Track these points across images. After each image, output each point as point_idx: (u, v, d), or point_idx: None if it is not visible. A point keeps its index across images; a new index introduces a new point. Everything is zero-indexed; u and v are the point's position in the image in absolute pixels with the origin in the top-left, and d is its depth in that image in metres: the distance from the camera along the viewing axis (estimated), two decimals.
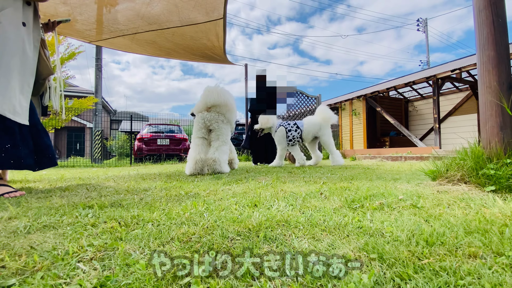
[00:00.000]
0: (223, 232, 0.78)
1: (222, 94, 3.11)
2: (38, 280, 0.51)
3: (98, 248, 0.68)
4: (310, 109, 9.08)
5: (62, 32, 4.38)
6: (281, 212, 0.99)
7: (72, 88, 16.94)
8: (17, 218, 0.97)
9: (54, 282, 0.50)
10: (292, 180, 1.99)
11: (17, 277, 0.52)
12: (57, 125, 7.58)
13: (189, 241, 0.71)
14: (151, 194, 1.52)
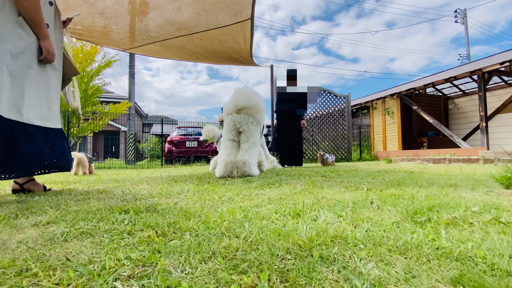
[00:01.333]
0: (269, 248, 0.68)
1: (252, 95, 3.04)
2: None
3: (135, 262, 0.61)
4: (338, 109, 8.72)
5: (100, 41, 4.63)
6: (330, 224, 0.87)
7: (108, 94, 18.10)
8: (55, 222, 0.96)
9: None
10: (330, 185, 1.84)
11: None
12: (95, 129, 8.08)
13: (233, 258, 0.62)
14: (184, 198, 1.47)
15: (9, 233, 0.84)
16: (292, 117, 4.99)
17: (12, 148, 1.45)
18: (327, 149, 8.45)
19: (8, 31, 1.43)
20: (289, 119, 4.98)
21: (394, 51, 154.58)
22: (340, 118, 8.68)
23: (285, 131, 4.98)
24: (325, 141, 8.59)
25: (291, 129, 4.98)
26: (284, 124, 4.99)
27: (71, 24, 3.76)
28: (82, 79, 7.84)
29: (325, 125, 8.66)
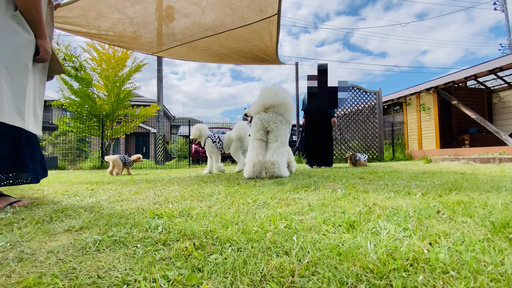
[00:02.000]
0: (333, 273, 0.54)
1: (280, 93, 2.91)
2: None
3: (174, 284, 0.51)
4: (368, 105, 8.25)
5: (130, 46, 4.78)
6: (399, 241, 0.71)
7: (138, 98, 18.97)
8: (89, 228, 0.91)
9: None
10: (375, 189, 1.65)
11: None
12: (127, 131, 8.44)
13: (292, 287, 0.50)
14: (217, 201, 1.38)
15: (40, 240, 0.79)
16: (322, 115, 4.74)
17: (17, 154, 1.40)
18: (356, 148, 8.04)
19: (4, 27, 1.31)
20: (318, 118, 4.75)
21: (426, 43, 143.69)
22: (370, 115, 8.21)
23: (314, 130, 4.75)
24: (354, 140, 8.18)
25: (321, 128, 4.74)
26: (313, 123, 4.77)
27: (102, 30, 3.91)
28: (115, 83, 8.22)
29: (354, 123, 8.25)
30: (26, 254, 0.68)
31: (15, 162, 1.40)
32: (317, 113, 4.76)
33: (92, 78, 7.95)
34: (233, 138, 4.20)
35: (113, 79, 8.17)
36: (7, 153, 1.36)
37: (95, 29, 3.81)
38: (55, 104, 7.78)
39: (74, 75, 7.61)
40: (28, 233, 0.86)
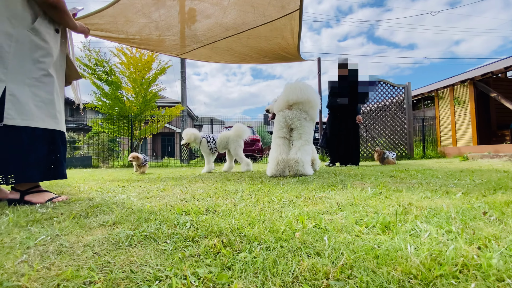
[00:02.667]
0: (371, 277, 0.51)
1: (305, 89, 2.84)
2: None
3: (205, 282, 0.51)
4: (396, 100, 7.82)
5: (155, 49, 4.96)
6: (444, 244, 0.65)
7: (163, 99, 19.68)
8: (121, 223, 0.94)
9: None
10: (408, 188, 1.55)
11: None
12: (153, 131, 8.80)
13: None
14: (242, 199, 1.38)
15: (77, 234, 0.83)
16: (347, 112, 4.57)
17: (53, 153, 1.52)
18: (384, 146, 7.68)
19: (24, 41, 1.40)
20: (343, 114, 4.59)
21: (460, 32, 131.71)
22: (398, 110, 7.79)
23: (338, 126, 4.59)
24: (381, 136, 7.82)
25: (346, 125, 4.57)
26: (338, 120, 4.61)
27: (130, 35, 4.09)
28: (142, 86, 8.59)
29: (381, 119, 7.87)
30: (65, 247, 0.72)
31: (52, 160, 1.50)
32: (341, 109, 4.59)
33: (121, 81, 8.38)
34: (232, 138, 4.18)
35: (140, 81, 8.54)
36: (44, 153, 1.47)
37: (123, 34, 3.99)
38: (88, 107, 8.30)
39: (105, 79, 8.06)
40: (66, 227, 0.91)
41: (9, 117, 1.35)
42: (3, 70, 1.34)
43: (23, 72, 1.40)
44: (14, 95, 1.36)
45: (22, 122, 1.38)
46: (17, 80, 1.38)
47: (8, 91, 1.34)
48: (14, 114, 1.36)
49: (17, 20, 1.39)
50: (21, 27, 1.40)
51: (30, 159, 1.41)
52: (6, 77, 1.34)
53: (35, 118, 1.42)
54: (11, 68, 1.36)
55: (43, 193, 1.52)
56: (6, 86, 1.34)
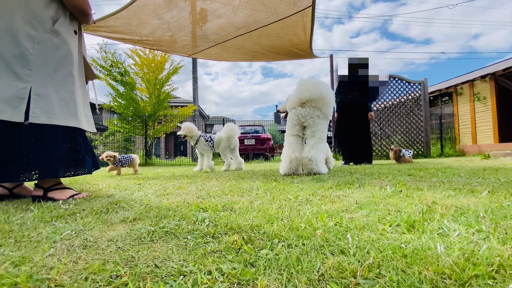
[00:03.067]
0: (401, 276, 0.49)
1: (318, 86, 2.80)
2: None
3: (229, 278, 0.50)
4: (412, 97, 7.58)
5: (168, 50, 5.03)
6: (476, 244, 0.62)
7: (175, 99, 19.96)
8: (141, 219, 0.96)
9: None
10: (430, 187, 1.50)
11: None
12: (167, 130, 8.95)
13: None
14: (257, 197, 1.37)
15: (100, 229, 0.85)
16: (358, 109, 4.43)
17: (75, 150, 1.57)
18: (399, 144, 7.48)
19: (46, 43, 1.45)
20: (353, 111, 4.44)
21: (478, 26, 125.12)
22: (414, 107, 7.56)
23: (349, 124, 4.45)
24: (396, 134, 7.61)
25: (357, 122, 4.43)
26: (348, 117, 4.46)
27: (143, 36, 4.17)
28: (155, 86, 8.76)
29: (396, 117, 7.66)
30: (90, 241, 0.73)
31: (74, 157, 1.56)
32: (351, 106, 4.44)
33: (135, 82, 8.57)
34: (223, 137, 4.23)
35: (154, 82, 8.70)
36: (66, 150, 1.52)
37: (137, 35, 4.07)
38: (105, 107, 8.54)
39: (120, 80, 8.26)
40: (89, 223, 0.93)
41: (34, 115, 1.40)
42: (28, 71, 1.40)
43: (46, 72, 1.45)
44: (39, 95, 1.41)
45: (46, 120, 1.43)
46: (41, 80, 1.43)
47: (33, 91, 1.40)
48: (39, 113, 1.41)
49: (39, 23, 1.44)
50: (42, 29, 1.45)
51: (52, 156, 1.46)
52: (31, 78, 1.40)
53: (57, 116, 1.47)
54: (35, 69, 1.41)
55: (65, 190, 1.57)
56: (32, 86, 1.39)
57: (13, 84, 1.37)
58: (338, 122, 4.62)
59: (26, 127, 1.38)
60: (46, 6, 1.47)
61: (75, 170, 1.58)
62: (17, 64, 1.38)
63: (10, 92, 1.36)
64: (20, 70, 1.38)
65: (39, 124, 1.42)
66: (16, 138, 1.38)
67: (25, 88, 1.38)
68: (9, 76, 1.37)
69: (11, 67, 1.37)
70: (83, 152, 1.61)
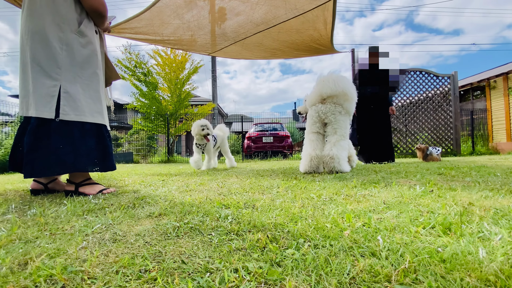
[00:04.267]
0: (440, 282, 0.45)
1: (340, 81, 2.71)
2: None
3: (256, 277, 0.50)
4: (440, 92, 7.14)
5: (189, 49, 5.13)
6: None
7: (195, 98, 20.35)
8: (166, 215, 0.98)
9: None
10: (464, 187, 1.40)
11: None
12: (187, 128, 9.16)
13: None
14: (278, 195, 1.36)
15: (128, 223, 0.88)
16: (379, 103, 4.17)
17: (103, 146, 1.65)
18: (425, 141, 7.10)
19: (72, 43, 1.53)
20: (375, 105, 4.16)
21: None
22: (443, 102, 7.13)
23: (370, 120, 4.19)
24: (422, 131, 7.23)
25: (378, 118, 4.17)
26: (369, 112, 4.20)
27: (165, 36, 4.27)
28: (176, 85, 8.99)
29: (422, 112, 7.27)
30: (119, 236, 0.76)
31: (102, 153, 1.63)
32: (372, 100, 4.18)
33: (158, 82, 8.84)
34: (222, 137, 4.39)
35: (175, 81, 8.92)
36: (94, 146, 1.59)
37: (159, 35, 4.18)
38: (129, 107, 8.89)
39: (144, 80, 8.56)
40: (117, 217, 0.97)
41: (64, 112, 1.48)
42: (58, 70, 1.48)
43: (74, 71, 1.53)
44: (68, 93, 1.50)
45: (75, 117, 1.51)
46: (69, 78, 1.51)
47: (62, 89, 1.48)
48: (68, 110, 1.49)
49: (66, 25, 1.53)
50: (69, 30, 1.53)
51: (81, 152, 1.54)
52: (60, 76, 1.48)
53: (85, 113, 1.55)
54: (64, 68, 1.50)
55: (95, 185, 1.65)
56: (61, 84, 1.48)
57: (45, 82, 1.46)
58: (359, 117, 4.39)
59: (56, 124, 1.47)
60: (72, 8, 1.55)
61: (103, 165, 1.65)
62: (47, 63, 1.47)
63: (42, 90, 1.46)
64: (50, 69, 1.47)
65: (69, 121, 1.50)
66: (47, 134, 1.46)
67: (55, 86, 1.47)
68: (40, 75, 1.47)
69: (42, 66, 1.47)
70: (109, 148, 1.68)
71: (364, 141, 4.31)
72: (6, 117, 7.85)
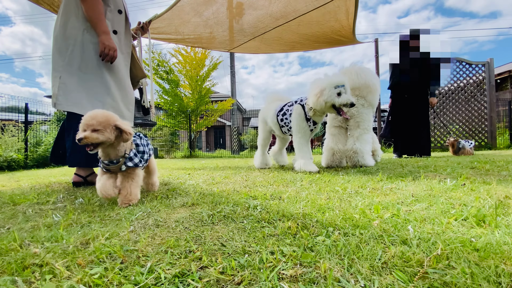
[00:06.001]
0: (474, 268, 0.46)
1: (362, 73, 2.64)
2: None
3: (291, 259, 0.54)
4: (474, 80, 6.67)
5: (208, 46, 5.23)
6: None
7: (215, 94, 20.66)
8: (199, 204, 1.04)
9: None
10: (499, 181, 1.34)
11: None
12: (208, 124, 9.38)
13: (425, 277, 0.45)
14: (302, 188, 1.38)
15: (166, 212, 0.96)
16: (416, 92, 3.83)
17: None
18: (456, 134, 6.71)
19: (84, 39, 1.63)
20: (411, 95, 3.84)
21: None
22: (476, 92, 6.67)
23: (405, 110, 3.87)
24: (453, 123, 6.83)
25: (415, 108, 3.84)
26: (404, 102, 3.89)
27: (185, 35, 4.38)
28: (197, 82, 9.20)
29: (453, 103, 6.86)
30: (160, 221, 0.83)
31: None
32: (409, 89, 3.85)
33: (179, 79, 9.09)
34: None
35: (195, 78, 9.13)
36: None
37: (180, 34, 4.31)
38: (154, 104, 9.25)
39: (166, 78, 8.85)
40: (155, 206, 1.05)
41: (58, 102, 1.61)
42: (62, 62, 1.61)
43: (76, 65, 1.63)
44: (65, 83, 1.61)
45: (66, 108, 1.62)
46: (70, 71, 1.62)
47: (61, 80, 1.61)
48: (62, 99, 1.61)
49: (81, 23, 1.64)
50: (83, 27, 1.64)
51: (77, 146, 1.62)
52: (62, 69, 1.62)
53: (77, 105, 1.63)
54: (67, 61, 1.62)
55: None
56: (61, 75, 1.61)
57: (53, 74, 1.63)
58: (392, 107, 4.11)
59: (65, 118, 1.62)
60: None
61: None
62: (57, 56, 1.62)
63: (53, 81, 1.63)
64: (57, 61, 1.62)
65: (69, 113, 1.63)
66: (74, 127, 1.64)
67: (56, 77, 1.61)
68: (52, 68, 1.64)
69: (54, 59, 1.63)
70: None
71: (398, 133, 4.00)
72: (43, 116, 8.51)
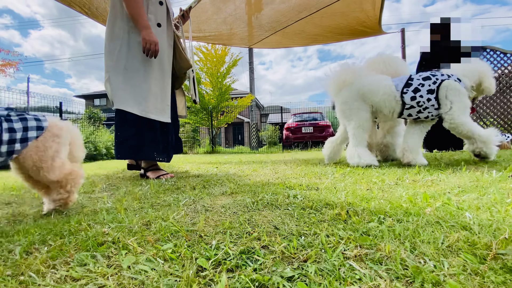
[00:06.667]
0: None
1: (391, 62, 2.54)
2: (314, 274, 0.41)
3: (351, 241, 0.54)
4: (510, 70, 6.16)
5: (229, 43, 5.26)
6: None
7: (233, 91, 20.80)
8: (238, 193, 1.07)
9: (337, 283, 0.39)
10: None
11: (288, 266, 0.46)
12: (228, 121, 9.50)
13: (497, 257, 0.44)
14: (337, 180, 1.37)
15: (209, 199, 0.99)
16: None
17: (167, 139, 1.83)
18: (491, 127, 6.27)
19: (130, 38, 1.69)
20: None
21: None
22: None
23: None
24: (487, 116, 6.39)
25: None
26: None
27: (206, 33, 4.44)
28: (217, 79, 9.33)
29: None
30: (208, 207, 0.87)
31: (165, 146, 1.81)
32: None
33: (200, 77, 9.27)
34: None
35: (216, 75, 9.25)
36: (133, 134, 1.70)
37: (201, 32, 4.38)
38: None
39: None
40: (197, 194, 1.09)
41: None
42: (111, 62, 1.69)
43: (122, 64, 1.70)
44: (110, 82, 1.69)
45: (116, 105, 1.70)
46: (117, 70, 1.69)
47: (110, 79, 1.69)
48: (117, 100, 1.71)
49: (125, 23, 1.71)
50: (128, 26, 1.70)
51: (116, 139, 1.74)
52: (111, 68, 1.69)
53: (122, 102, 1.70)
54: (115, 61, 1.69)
55: (157, 171, 1.82)
56: (110, 75, 1.68)
57: (105, 75, 1.71)
58: None
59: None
60: None
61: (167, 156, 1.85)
62: (107, 57, 1.70)
63: (104, 82, 1.72)
64: (107, 62, 1.69)
65: (116, 110, 1.71)
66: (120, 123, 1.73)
67: (106, 77, 1.70)
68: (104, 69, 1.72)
69: (105, 60, 1.71)
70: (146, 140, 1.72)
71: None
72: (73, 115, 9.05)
